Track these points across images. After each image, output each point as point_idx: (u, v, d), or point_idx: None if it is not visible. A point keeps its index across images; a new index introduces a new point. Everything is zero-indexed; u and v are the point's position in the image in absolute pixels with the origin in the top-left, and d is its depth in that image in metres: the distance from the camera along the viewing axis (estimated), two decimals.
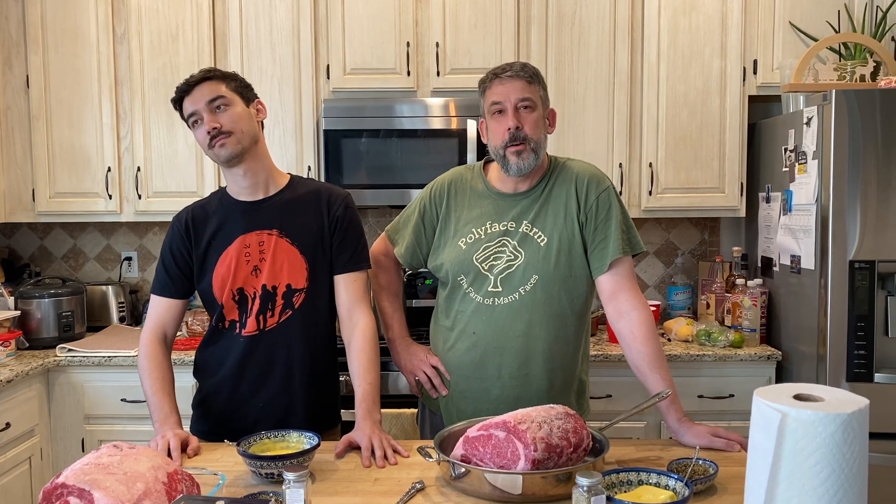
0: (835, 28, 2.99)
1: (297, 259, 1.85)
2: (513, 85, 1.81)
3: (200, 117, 1.78)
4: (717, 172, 3.08)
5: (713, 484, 1.46)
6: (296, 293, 1.85)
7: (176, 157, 3.13)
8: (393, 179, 3.01)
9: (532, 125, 1.81)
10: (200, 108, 1.78)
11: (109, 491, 1.20)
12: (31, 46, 3.10)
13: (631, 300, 1.82)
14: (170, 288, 1.90)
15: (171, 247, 1.89)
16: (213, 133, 1.77)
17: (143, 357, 1.86)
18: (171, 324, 1.91)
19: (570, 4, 3.04)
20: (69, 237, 3.56)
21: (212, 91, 1.79)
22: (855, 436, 0.97)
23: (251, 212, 1.87)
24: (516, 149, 1.80)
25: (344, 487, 1.50)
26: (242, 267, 1.84)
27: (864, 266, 2.46)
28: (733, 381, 2.81)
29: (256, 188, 1.87)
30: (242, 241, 1.85)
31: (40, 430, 2.80)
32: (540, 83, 1.86)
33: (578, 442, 1.46)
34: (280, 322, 1.85)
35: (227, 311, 1.86)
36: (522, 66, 1.83)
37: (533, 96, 1.82)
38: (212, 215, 1.89)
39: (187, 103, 1.80)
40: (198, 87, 1.79)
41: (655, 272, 3.47)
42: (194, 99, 1.79)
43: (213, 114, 1.78)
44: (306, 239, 1.86)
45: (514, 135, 1.79)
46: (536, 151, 1.82)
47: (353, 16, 3.05)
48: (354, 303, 1.88)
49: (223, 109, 1.79)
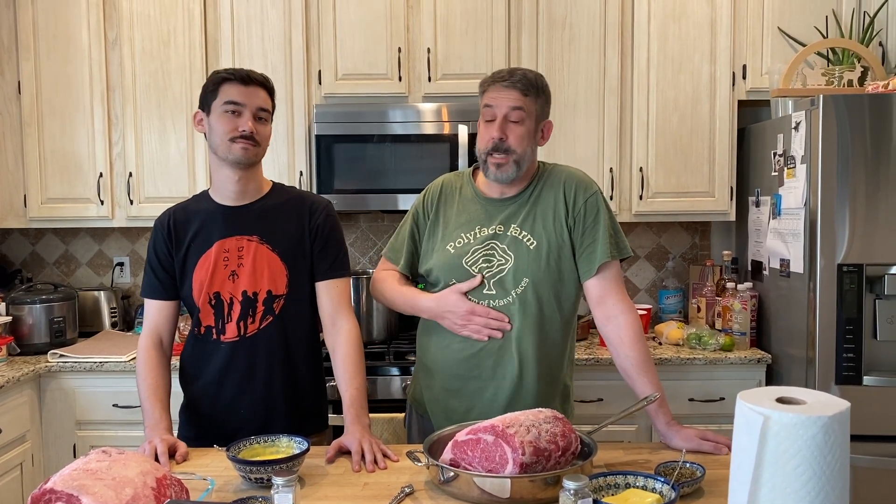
0: (823, 33, 3.01)
1: (278, 265, 1.85)
2: (506, 94, 1.80)
3: (241, 113, 1.79)
4: (707, 177, 3.09)
5: (700, 487, 1.47)
6: (276, 299, 1.85)
7: (168, 162, 3.13)
8: (385, 184, 3.01)
9: (517, 138, 1.80)
10: (248, 106, 1.80)
11: (98, 496, 1.21)
12: (22, 53, 3.10)
13: (619, 304, 1.83)
14: (158, 290, 1.90)
15: (155, 249, 1.90)
16: (245, 134, 1.79)
17: (139, 362, 1.87)
18: (165, 326, 1.92)
19: (560, 10, 3.06)
20: (61, 243, 3.55)
21: (264, 101, 1.83)
22: (836, 438, 0.98)
23: (232, 216, 1.87)
24: (497, 160, 1.81)
25: (333, 492, 1.51)
26: (220, 271, 1.84)
27: (852, 269, 2.48)
28: (723, 384, 2.82)
29: (245, 194, 1.88)
30: (221, 245, 1.85)
31: (31, 435, 2.80)
32: (539, 95, 1.84)
33: (567, 445, 1.47)
34: (261, 328, 1.85)
35: (203, 315, 1.86)
36: (523, 77, 1.81)
37: (525, 108, 1.81)
38: (193, 218, 1.89)
39: (235, 92, 1.80)
40: (254, 88, 1.81)
41: (646, 276, 3.49)
42: (249, 94, 1.80)
43: (254, 120, 1.81)
44: (286, 245, 1.87)
45: (496, 145, 1.80)
46: (519, 163, 1.82)
47: (345, 21, 3.06)
48: (337, 309, 1.89)
49: (263, 122, 1.84)
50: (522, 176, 1.87)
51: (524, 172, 1.86)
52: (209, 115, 1.84)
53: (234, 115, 1.80)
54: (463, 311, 1.82)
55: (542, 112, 1.86)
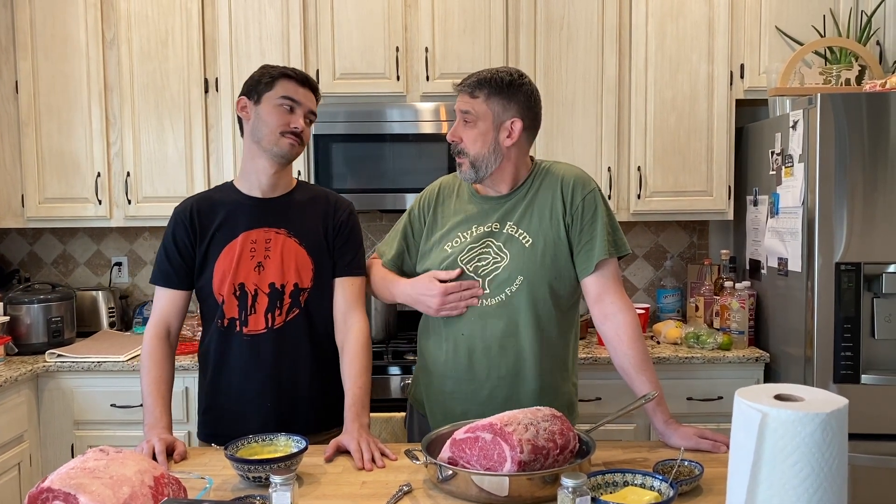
0: (820, 32, 3.01)
1: (304, 259, 1.88)
2: (460, 98, 1.85)
3: (295, 110, 1.86)
4: (705, 176, 3.10)
5: (698, 485, 1.47)
6: (302, 292, 1.88)
7: (165, 162, 3.13)
8: (382, 184, 3.01)
9: (469, 140, 1.82)
10: (302, 105, 1.87)
11: (95, 495, 1.20)
12: (20, 52, 3.10)
13: (616, 302, 1.82)
14: (172, 278, 1.90)
15: (174, 236, 1.90)
16: (296, 131, 1.85)
17: (144, 354, 1.87)
18: (174, 316, 1.91)
19: (558, 10, 3.06)
20: (59, 242, 3.55)
21: (314, 104, 1.92)
22: (834, 435, 0.98)
23: (260, 208, 1.90)
24: (458, 160, 1.86)
25: (331, 490, 1.51)
26: (246, 262, 1.85)
27: (850, 268, 2.48)
28: (722, 383, 2.83)
29: (275, 187, 1.92)
30: (247, 236, 1.87)
31: (29, 435, 2.79)
32: (496, 94, 1.80)
33: (565, 444, 1.47)
34: (287, 321, 1.87)
35: (227, 307, 1.86)
36: (477, 79, 1.82)
37: (473, 110, 1.81)
38: (218, 208, 1.91)
39: (292, 88, 1.86)
40: (309, 90, 1.89)
41: (645, 275, 3.49)
42: (305, 95, 1.88)
43: (304, 119, 1.89)
44: (312, 240, 1.90)
45: (452, 147, 1.87)
46: (475, 165, 1.83)
47: (343, 21, 3.06)
48: (350, 306, 1.90)
49: (309, 123, 1.92)
50: (513, 173, 1.87)
51: (500, 172, 1.85)
52: (258, 104, 1.87)
53: (289, 112, 1.85)
54: (436, 293, 1.82)
55: (502, 111, 1.82)
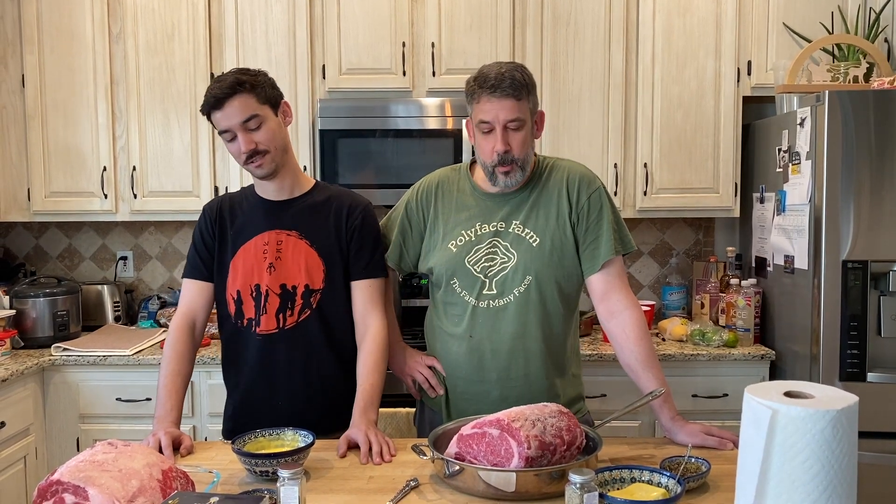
0: (828, 29, 3.00)
1: (315, 260, 1.88)
2: (501, 104, 1.73)
3: (234, 135, 1.77)
4: (712, 173, 3.09)
5: (705, 481, 1.47)
6: (313, 293, 1.87)
7: (171, 156, 3.13)
8: (388, 179, 3.01)
9: (519, 145, 1.76)
10: (234, 126, 1.75)
11: (104, 488, 1.21)
12: (26, 46, 3.10)
13: (623, 300, 1.82)
14: (201, 270, 1.92)
15: (201, 232, 1.93)
16: (249, 153, 1.77)
17: (168, 342, 1.89)
18: (201, 308, 1.93)
19: (564, 6, 3.05)
20: (64, 237, 3.56)
21: (244, 110, 1.74)
22: (844, 432, 0.98)
23: (274, 211, 1.90)
24: (504, 169, 1.78)
25: (338, 485, 1.51)
26: (259, 263, 1.86)
27: (856, 266, 2.47)
28: (727, 380, 2.82)
29: (282, 191, 1.91)
30: (260, 238, 1.88)
31: (35, 429, 2.80)
32: (530, 93, 1.77)
33: (572, 440, 1.47)
34: (299, 321, 1.87)
35: (245, 307, 1.88)
36: (511, 82, 1.72)
37: (522, 114, 1.75)
38: (237, 210, 1.93)
39: (219, 118, 1.76)
40: (229, 103, 1.73)
41: (650, 272, 3.48)
42: (227, 115, 1.74)
43: (247, 133, 1.76)
44: (324, 242, 1.89)
45: (502, 158, 1.76)
46: (524, 167, 1.81)
47: (349, 16, 3.06)
48: (368, 308, 1.90)
49: (255, 129, 1.76)
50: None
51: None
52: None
53: (233, 140, 1.78)
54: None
55: (534, 108, 1.81)
